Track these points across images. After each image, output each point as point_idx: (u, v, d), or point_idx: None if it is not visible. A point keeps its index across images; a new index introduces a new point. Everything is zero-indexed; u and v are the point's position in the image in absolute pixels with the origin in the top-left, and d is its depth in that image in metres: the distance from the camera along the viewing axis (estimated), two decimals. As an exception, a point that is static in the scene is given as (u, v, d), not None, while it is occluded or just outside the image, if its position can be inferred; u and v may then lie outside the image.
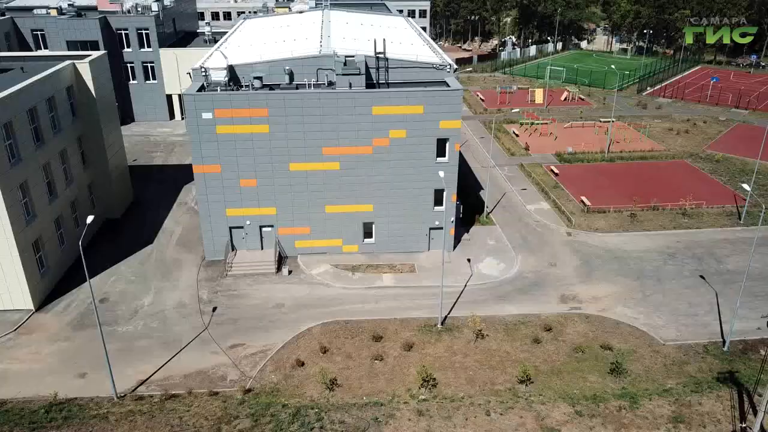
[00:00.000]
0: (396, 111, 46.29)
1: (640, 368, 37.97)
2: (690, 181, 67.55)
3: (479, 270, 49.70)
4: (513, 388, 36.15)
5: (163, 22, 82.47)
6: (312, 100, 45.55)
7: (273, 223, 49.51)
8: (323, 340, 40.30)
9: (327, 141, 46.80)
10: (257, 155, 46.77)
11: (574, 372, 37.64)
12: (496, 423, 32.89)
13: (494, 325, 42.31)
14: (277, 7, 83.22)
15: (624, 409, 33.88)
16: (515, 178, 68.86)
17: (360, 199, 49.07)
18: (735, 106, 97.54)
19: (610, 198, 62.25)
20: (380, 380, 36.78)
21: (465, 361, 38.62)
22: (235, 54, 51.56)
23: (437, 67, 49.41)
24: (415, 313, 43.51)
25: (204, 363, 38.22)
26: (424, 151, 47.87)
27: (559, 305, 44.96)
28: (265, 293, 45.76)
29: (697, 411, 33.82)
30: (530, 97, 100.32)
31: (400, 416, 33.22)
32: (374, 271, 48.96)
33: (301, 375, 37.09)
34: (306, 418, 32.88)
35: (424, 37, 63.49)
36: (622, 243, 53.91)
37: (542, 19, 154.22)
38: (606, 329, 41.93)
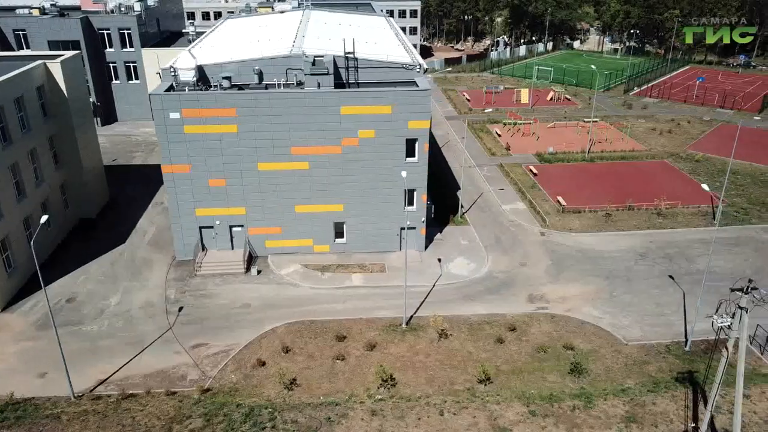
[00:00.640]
0: (364, 111, 46.30)
1: (600, 368, 37.98)
2: (669, 181, 67.55)
3: (449, 270, 49.71)
4: (472, 388, 36.16)
5: (145, 22, 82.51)
6: (280, 100, 45.57)
7: (243, 223, 49.54)
8: (286, 340, 40.33)
9: (296, 141, 46.82)
10: (226, 155, 46.80)
11: (534, 372, 37.64)
12: (449, 423, 32.91)
13: (459, 324, 42.31)
14: (260, 7, 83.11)
15: (578, 409, 33.89)
16: (494, 178, 68.87)
17: (330, 199, 49.09)
18: (720, 106, 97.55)
19: (587, 198, 62.27)
20: (340, 380, 36.81)
21: (426, 361, 38.63)
22: (206, 54, 51.60)
23: (407, 67, 49.43)
24: (382, 313, 43.52)
25: (165, 363, 38.24)
26: (394, 151, 47.88)
27: (526, 305, 44.97)
28: (232, 293, 45.79)
29: (650, 411, 33.82)
30: (516, 97, 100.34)
31: (353, 416, 33.24)
32: (344, 271, 48.98)
33: (261, 375, 37.11)
34: (259, 417, 32.92)
35: (401, 37, 63.51)
36: (594, 243, 53.92)
37: (534, 19, 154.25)
38: (570, 329, 41.94)
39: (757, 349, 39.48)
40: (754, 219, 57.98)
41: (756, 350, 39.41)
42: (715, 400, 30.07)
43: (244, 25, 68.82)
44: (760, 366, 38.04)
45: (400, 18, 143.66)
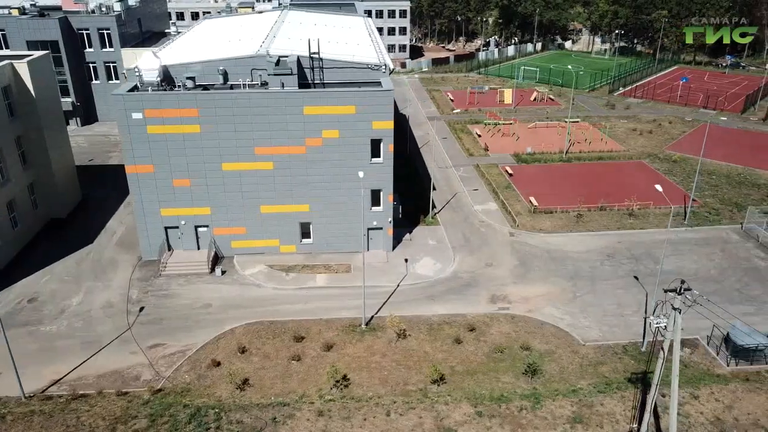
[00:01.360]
0: (328, 111, 46.29)
1: (555, 369, 37.97)
2: (644, 181, 67.41)
3: (415, 270, 49.70)
4: (424, 389, 36.15)
5: (125, 22, 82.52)
6: (242, 100, 45.58)
7: (208, 223, 49.53)
8: (244, 341, 40.33)
9: (259, 141, 46.82)
10: (189, 155, 46.80)
11: (488, 372, 37.64)
12: (394, 423, 32.91)
13: (419, 325, 42.30)
14: (240, 7, 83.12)
15: (525, 410, 33.88)
16: (469, 179, 68.86)
17: (296, 199, 49.10)
18: (704, 107, 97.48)
19: (561, 198, 62.25)
20: (293, 380, 36.81)
21: (382, 362, 38.62)
22: (171, 54, 51.61)
23: (372, 67, 49.44)
24: (343, 314, 43.52)
25: (121, 363, 38.25)
26: (359, 151, 47.87)
27: (487, 305, 44.96)
28: (195, 293, 45.79)
29: (597, 411, 33.81)
30: (499, 98, 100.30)
31: (299, 416, 33.24)
32: (309, 271, 48.98)
33: (215, 375, 37.11)
34: (204, 418, 32.91)
35: (375, 38, 63.57)
36: (563, 243, 53.91)
37: (524, 20, 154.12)
38: (529, 330, 41.92)
39: (713, 349, 39.40)
40: (724, 219, 57.96)
41: (712, 351, 39.35)
42: (654, 400, 30.01)
43: (219, 26, 68.85)
44: (714, 367, 38.02)
45: (389, 18, 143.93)
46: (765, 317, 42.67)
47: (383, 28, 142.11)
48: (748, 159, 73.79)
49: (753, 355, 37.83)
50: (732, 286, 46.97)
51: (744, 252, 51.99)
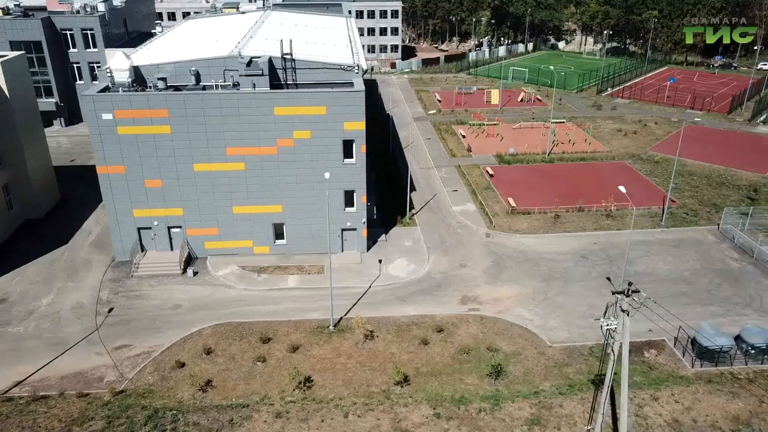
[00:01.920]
0: (299, 112, 46.24)
1: (520, 370, 37.91)
2: (625, 182, 67.08)
3: (388, 271, 49.64)
4: (387, 390, 36.09)
5: (109, 23, 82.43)
6: (213, 101, 45.52)
7: (181, 224, 49.47)
8: (210, 342, 40.28)
9: (230, 141, 46.78)
10: (161, 156, 46.75)
11: (453, 374, 37.57)
12: (351, 425, 32.85)
13: (387, 326, 42.25)
14: (225, 8, 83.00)
15: (484, 412, 33.82)
16: (450, 180, 68.81)
17: (268, 199, 49.04)
18: (691, 107, 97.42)
19: (540, 199, 62.19)
20: (257, 382, 36.75)
21: (347, 363, 38.56)
22: (144, 54, 51.58)
23: (345, 68, 49.39)
24: (312, 315, 43.45)
25: (85, 364, 38.19)
26: (331, 152, 47.81)
27: (458, 306, 44.90)
28: (166, 294, 45.74)
29: (556, 413, 33.75)
30: (486, 98, 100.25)
31: (257, 418, 33.19)
32: (281, 272, 48.93)
33: (179, 376, 37.05)
34: (161, 420, 32.86)
35: (354, 38, 63.48)
36: (538, 244, 53.84)
37: (516, 20, 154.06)
38: (497, 331, 41.87)
39: (680, 351, 39.32)
40: (702, 221, 57.89)
41: (678, 352, 39.28)
42: (606, 401, 29.93)
43: (200, 26, 68.84)
44: (679, 368, 37.95)
45: (381, 18, 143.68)
46: (733, 318, 42.60)
47: (375, 29, 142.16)
48: (730, 160, 73.75)
49: (718, 356, 37.74)
50: (703, 287, 46.91)
51: (718, 253, 51.92)
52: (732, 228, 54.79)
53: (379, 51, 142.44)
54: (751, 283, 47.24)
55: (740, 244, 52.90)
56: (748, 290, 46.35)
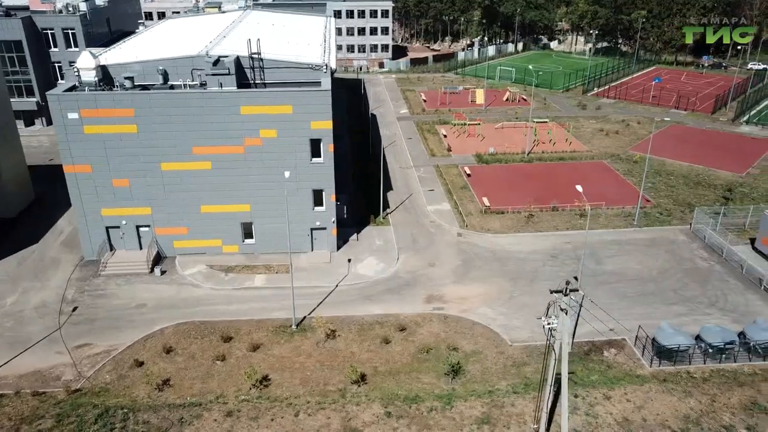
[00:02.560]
0: (265, 111, 46.24)
1: (478, 369, 37.90)
2: (602, 181, 67.44)
3: (356, 270, 49.64)
4: (344, 389, 36.09)
5: (90, 22, 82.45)
6: (178, 100, 45.54)
7: (149, 223, 49.48)
8: (171, 341, 40.29)
9: (197, 141, 46.79)
10: (127, 155, 46.78)
11: (410, 373, 37.57)
12: (301, 423, 32.86)
13: (350, 325, 42.25)
14: (207, 7, 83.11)
15: (435, 411, 33.82)
16: (427, 179, 68.80)
17: (236, 199, 49.05)
18: (675, 107, 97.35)
19: (515, 199, 62.14)
20: (214, 380, 36.76)
21: (306, 362, 38.57)
22: (117, 54, 51.59)
23: (314, 67, 49.39)
24: (276, 314, 43.46)
25: (45, 363, 38.21)
26: (298, 151, 47.82)
27: (423, 305, 44.90)
28: (131, 293, 45.76)
29: (507, 412, 33.74)
30: (471, 98, 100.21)
31: (207, 417, 33.20)
32: (249, 271, 48.94)
33: (136, 375, 37.07)
34: (112, 418, 32.88)
35: (328, 38, 63.48)
36: (509, 244, 53.83)
37: (507, 20, 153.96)
38: (459, 330, 41.86)
39: (639, 350, 39.30)
40: (675, 220, 57.84)
41: (637, 352, 39.26)
42: (550, 400, 29.92)
43: (178, 26, 68.87)
44: (637, 367, 37.92)
45: (371, 18, 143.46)
46: (696, 318, 42.59)
47: (365, 28, 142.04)
48: (709, 159, 73.73)
49: (676, 355, 37.71)
50: (670, 287, 46.89)
51: (688, 252, 51.89)
52: (704, 228, 54.74)
53: (369, 51, 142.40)
54: (717, 283, 47.23)
55: (710, 243, 52.88)
56: (713, 290, 46.34)
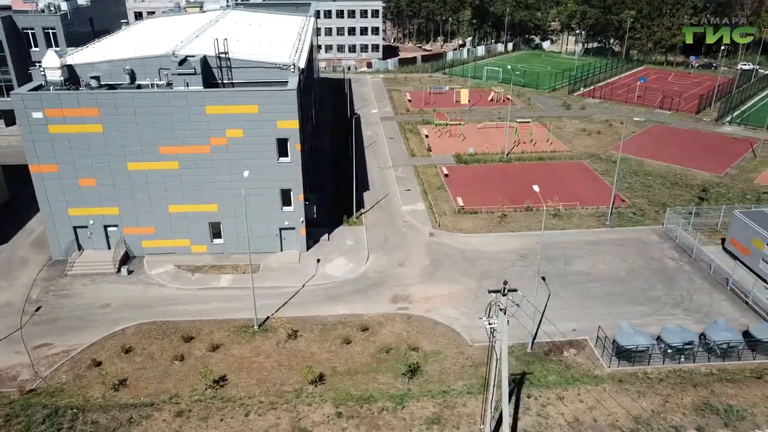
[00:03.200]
0: (230, 110, 46.18)
1: (436, 369, 37.81)
2: (579, 182, 67.34)
3: (325, 270, 49.55)
4: (300, 389, 36.01)
5: (72, 22, 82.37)
6: (144, 100, 45.46)
7: (117, 223, 49.40)
8: (132, 341, 40.21)
9: (163, 140, 46.71)
10: (93, 155, 46.71)
11: (368, 373, 37.48)
12: (251, 424, 32.78)
13: (312, 325, 42.17)
14: (189, 7, 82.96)
15: (386, 411, 33.73)
16: (405, 179, 68.72)
17: (203, 198, 48.98)
18: (660, 107, 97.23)
19: (490, 198, 62.00)
20: (171, 381, 36.67)
21: (265, 362, 38.48)
22: (84, 53, 51.54)
23: (281, 67, 49.31)
24: (240, 314, 43.35)
25: (2, 363, 38.16)
26: (265, 150, 47.75)
27: (388, 305, 44.81)
28: (96, 293, 45.69)
29: (458, 412, 33.65)
30: (455, 98, 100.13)
31: (157, 417, 33.11)
32: (216, 271, 48.87)
33: (93, 375, 36.98)
34: (61, 418, 32.80)
35: (303, 38, 63.35)
36: (480, 244, 53.74)
37: (497, 20, 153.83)
38: (422, 330, 41.77)
39: (599, 350, 39.19)
40: (648, 220, 57.73)
41: (597, 352, 39.15)
42: (493, 400, 29.82)
43: (154, 25, 68.78)
44: (595, 368, 37.81)
45: (362, 18, 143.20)
46: (660, 318, 42.50)
47: (356, 28, 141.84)
48: (689, 160, 73.62)
49: (634, 356, 37.61)
50: (637, 287, 46.79)
51: (659, 253, 51.79)
52: (676, 228, 54.64)
53: (360, 51, 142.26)
54: (684, 283, 47.12)
55: (681, 244, 52.76)
56: (680, 290, 46.24)
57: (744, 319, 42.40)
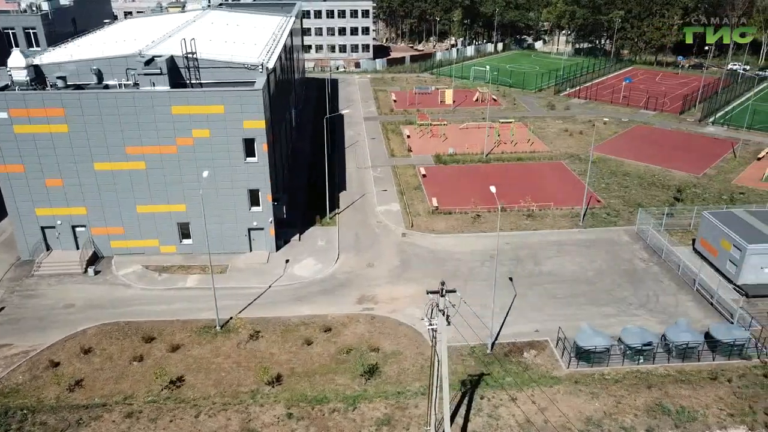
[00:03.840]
0: (196, 111, 46.08)
1: (395, 370, 37.72)
2: (556, 182, 67.24)
3: (293, 271, 49.46)
4: (256, 390, 35.91)
5: (53, 21, 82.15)
6: (109, 100, 45.37)
7: (85, 223, 49.31)
8: (92, 342, 40.13)
9: (130, 140, 46.63)
10: (60, 155, 46.65)
11: (327, 374, 37.38)
12: (200, 425, 32.68)
13: (275, 326, 42.08)
14: (170, 7, 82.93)
15: (337, 412, 33.63)
16: (383, 180, 68.61)
17: (171, 199, 48.88)
18: (644, 107, 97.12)
19: (466, 199, 61.85)
20: (127, 381, 36.58)
21: (224, 363, 38.38)
22: (54, 53, 51.47)
23: (248, 67, 49.22)
24: (204, 315, 43.26)
25: (-39, 363, 38.03)
26: (232, 150, 47.65)
27: (353, 306, 44.71)
28: (61, 294, 45.61)
29: (409, 414, 33.55)
30: (440, 98, 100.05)
31: (107, 418, 33.03)
32: (184, 272, 48.78)
33: (50, 376, 36.86)
34: (9, 419, 32.69)
35: (277, 39, 63.19)
36: (451, 245, 53.64)
37: (488, 20, 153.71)
38: (384, 330, 41.68)
39: (559, 351, 39.09)
40: (621, 221, 57.60)
41: (557, 353, 39.04)
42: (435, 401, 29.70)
43: (133, 25, 68.74)
44: (554, 369, 37.70)
45: (352, 18, 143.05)
46: (623, 319, 42.38)
47: (346, 28, 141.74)
48: (669, 160, 73.51)
49: (594, 357, 37.49)
50: (603, 288, 46.67)
51: (628, 253, 51.67)
52: (648, 229, 54.52)
53: (350, 51, 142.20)
54: (651, 284, 47.01)
55: (652, 244, 52.63)
56: (646, 291, 46.13)
57: (707, 320, 42.28)
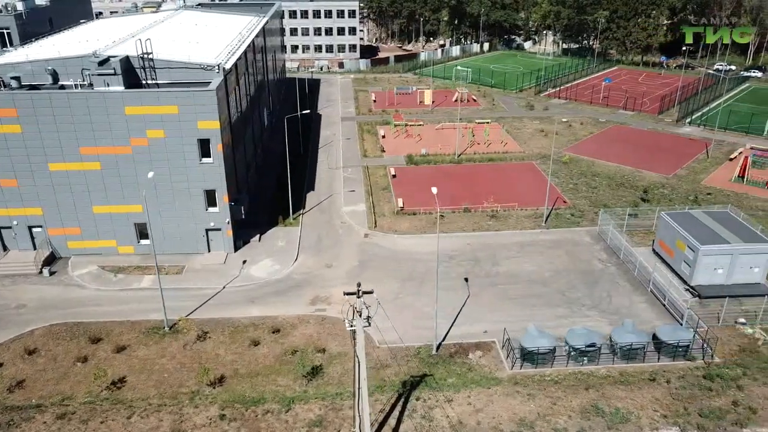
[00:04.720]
0: (150, 111, 45.98)
1: (338, 371, 37.61)
2: (525, 183, 67.08)
3: (249, 272, 49.35)
4: (198, 391, 35.82)
5: (27, 21, 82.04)
6: (61, 100, 45.28)
7: (41, 224, 49.21)
8: (38, 342, 40.04)
9: (84, 141, 46.55)
10: (13, 155, 46.57)
11: (269, 375, 37.28)
12: (132, 426, 32.59)
13: (224, 327, 41.98)
14: (145, 7, 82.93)
15: (270, 413, 33.53)
16: (353, 180, 68.51)
17: (127, 199, 48.75)
18: (623, 108, 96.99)
19: (432, 200, 61.48)
20: (68, 382, 36.48)
21: (168, 364, 38.28)
22: (7, 54, 51.43)
23: (204, 67, 49.13)
24: (154, 316, 43.12)
25: None
26: (187, 151, 47.55)
27: (306, 307, 44.61)
28: (15, 294, 45.53)
29: (342, 415, 33.44)
30: (419, 98, 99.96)
31: (38, 419, 32.93)
32: (140, 272, 48.68)
33: (-9, 377, 36.77)
34: (-59, 421, 32.66)
35: (244, 39, 63.08)
36: (412, 245, 53.55)
37: (474, 20, 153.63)
38: (333, 331, 41.56)
39: (505, 352, 38.97)
40: (585, 222, 57.47)
41: (502, 354, 38.93)
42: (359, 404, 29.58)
43: (102, 26, 68.68)
44: (497, 370, 37.58)
45: (338, 18, 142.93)
46: (575, 320, 42.28)
47: (333, 28, 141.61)
48: (641, 160, 73.35)
49: (539, 358, 37.38)
50: (558, 288, 46.56)
51: (588, 254, 51.55)
52: (609, 229, 54.41)
53: (337, 51, 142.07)
54: (607, 285, 46.91)
55: (612, 245, 52.52)
56: (601, 291, 46.03)
57: (658, 321, 42.19)
